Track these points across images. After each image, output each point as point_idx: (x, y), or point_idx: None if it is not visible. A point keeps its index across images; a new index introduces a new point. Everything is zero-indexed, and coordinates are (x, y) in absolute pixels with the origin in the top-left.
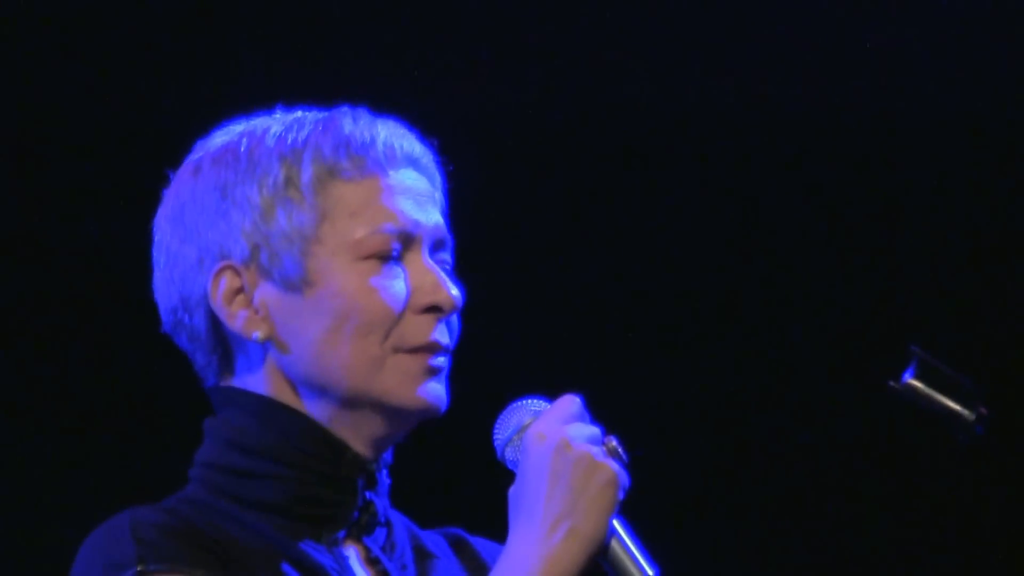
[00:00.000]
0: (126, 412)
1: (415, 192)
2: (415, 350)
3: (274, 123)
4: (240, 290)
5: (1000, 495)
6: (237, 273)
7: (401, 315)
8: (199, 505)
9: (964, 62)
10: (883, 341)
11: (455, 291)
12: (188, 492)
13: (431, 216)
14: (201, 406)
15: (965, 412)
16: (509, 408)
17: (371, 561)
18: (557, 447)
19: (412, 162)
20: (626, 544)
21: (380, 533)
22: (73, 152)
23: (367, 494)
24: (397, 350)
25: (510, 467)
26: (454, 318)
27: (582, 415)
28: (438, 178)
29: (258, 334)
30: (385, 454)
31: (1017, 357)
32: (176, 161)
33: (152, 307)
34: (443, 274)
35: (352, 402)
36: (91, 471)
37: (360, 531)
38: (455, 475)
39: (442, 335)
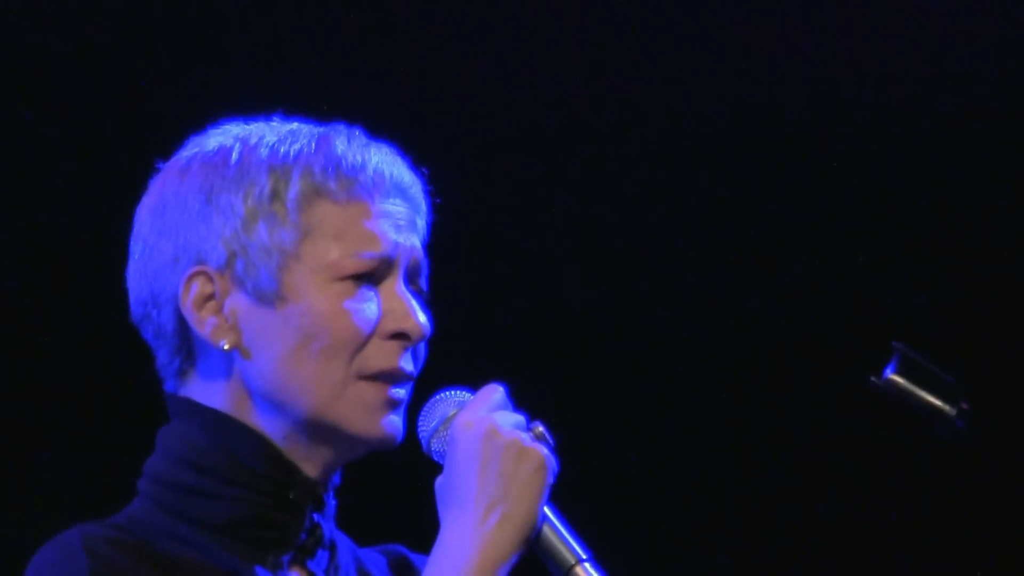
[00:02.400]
0: (72, 421)
1: (396, 219)
2: (377, 376)
3: (269, 133)
4: (211, 296)
5: (981, 493)
6: (210, 279)
7: (368, 339)
8: (143, 523)
9: (941, 62)
10: (865, 337)
11: (423, 319)
12: (136, 508)
13: (409, 239)
14: (156, 412)
15: (946, 407)
16: (432, 400)
17: None
18: (485, 434)
19: (400, 191)
20: (558, 529)
21: (323, 556)
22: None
23: (315, 516)
24: (360, 375)
25: (436, 459)
26: (421, 347)
27: (506, 403)
28: (423, 207)
29: (225, 342)
30: (334, 476)
31: (1001, 354)
32: (169, 152)
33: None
34: (414, 302)
35: (309, 423)
36: (38, 481)
37: (305, 555)
38: (395, 491)
39: (407, 363)
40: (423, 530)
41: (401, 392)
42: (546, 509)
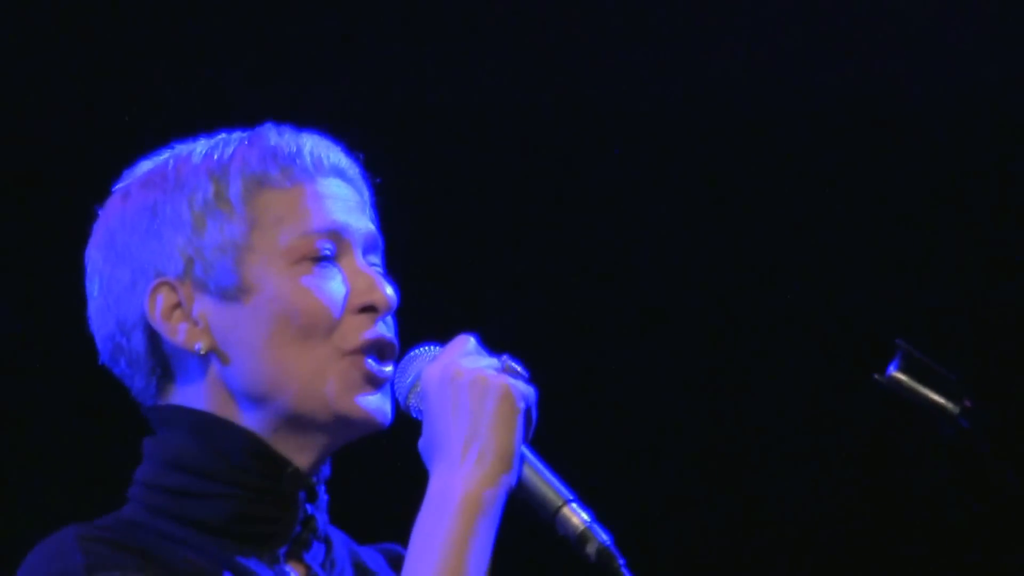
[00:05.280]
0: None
1: (342, 199)
2: (359, 350)
3: (198, 145)
4: (177, 305)
5: (984, 490)
6: (173, 289)
7: (340, 316)
8: (138, 524)
9: (937, 64)
10: (868, 334)
11: (390, 291)
12: (126, 512)
13: (360, 221)
14: (140, 426)
15: (949, 405)
16: (405, 359)
17: None
18: (451, 377)
19: (338, 172)
20: (542, 472)
21: (319, 549)
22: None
23: (308, 507)
24: (341, 352)
25: (415, 415)
26: (389, 319)
27: (478, 350)
28: (365, 190)
29: (200, 345)
30: (323, 468)
31: (1004, 353)
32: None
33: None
34: (378, 275)
35: (294, 413)
36: (31, 489)
37: (301, 547)
38: (391, 489)
39: (384, 329)
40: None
41: (386, 369)
42: (528, 453)
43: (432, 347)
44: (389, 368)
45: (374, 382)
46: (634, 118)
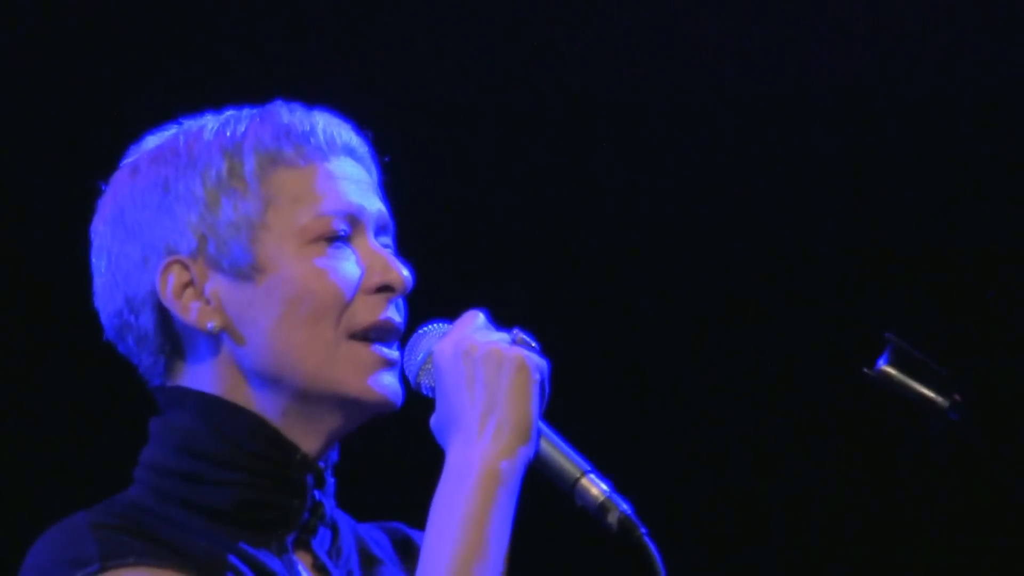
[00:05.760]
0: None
1: (355, 179)
2: (368, 333)
3: (208, 120)
4: (189, 283)
5: (974, 484)
6: (185, 267)
7: (353, 296)
8: (146, 509)
9: (932, 68)
10: (858, 328)
11: (405, 272)
12: (133, 495)
13: (373, 202)
14: (145, 404)
15: (939, 399)
16: (414, 336)
17: (318, 568)
18: (464, 352)
19: (349, 151)
20: (559, 444)
21: (325, 535)
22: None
23: (316, 493)
24: (351, 334)
25: (426, 393)
26: (400, 303)
27: (487, 325)
28: (374, 169)
29: (213, 324)
30: (332, 452)
31: (994, 348)
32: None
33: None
34: (392, 255)
35: (305, 393)
36: (32, 470)
37: (308, 534)
38: (391, 468)
39: (394, 314)
40: (418, 508)
41: (394, 353)
42: (543, 426)
43: (440, 324)
44: (396, 353)
45: (383, 363)
46: (655, 99)
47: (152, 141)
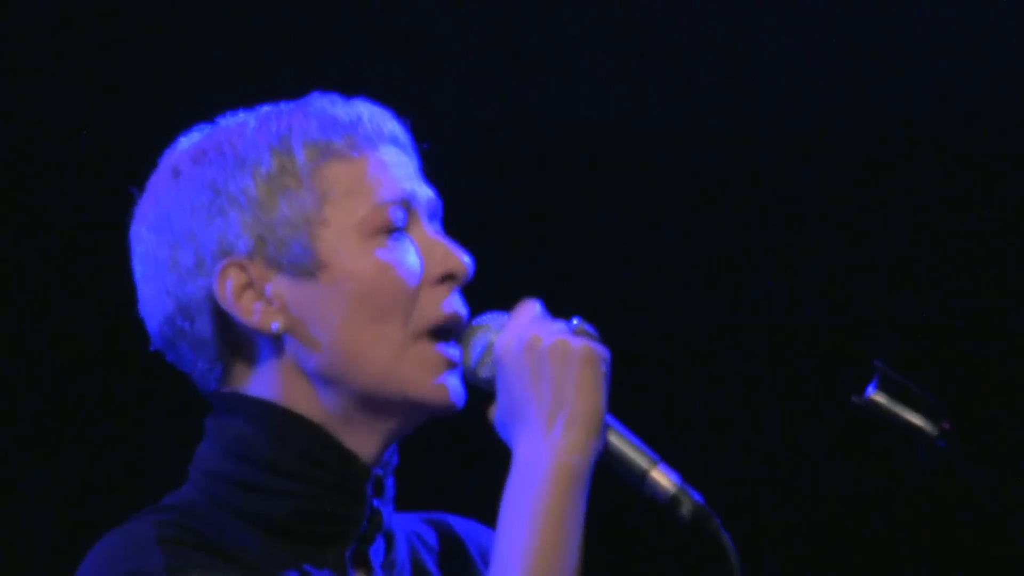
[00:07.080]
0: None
1: (404, 166)
2: (435, 332)
3: (246, 118)
4: (249, 285)
5: (962, 511)
6: (243, 268)
7: (418, 289)
8: (205, 518)
9: (926, 74)
10: (846, 355)
11: (467, 258)
12: (190, 499)
13: (424, 189)
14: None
15: (928, 426)
16: (469, 329)
17: None
18: (528, 345)
19: (394, 139)
20: (626, 435)
21: (380, 545)
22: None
23: (375, 502)
24: (418, 335)
25: (484, 386)
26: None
27: (544, 316)
28: (415, 155)
29: (277, 324)
30: (391, 455)
31: (981, 371)
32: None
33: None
34: (451, 242)
35: (369, 395)
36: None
37: (366, 544)
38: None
39: (460, 307)
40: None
41: (456, 353)
42: (609, 418)
43: (495, 315)
44: (458, 352)
45: (448, 364)
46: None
47: (187, 142)
